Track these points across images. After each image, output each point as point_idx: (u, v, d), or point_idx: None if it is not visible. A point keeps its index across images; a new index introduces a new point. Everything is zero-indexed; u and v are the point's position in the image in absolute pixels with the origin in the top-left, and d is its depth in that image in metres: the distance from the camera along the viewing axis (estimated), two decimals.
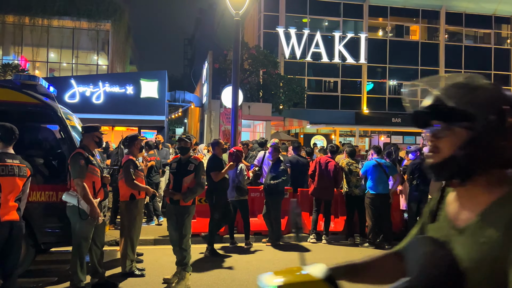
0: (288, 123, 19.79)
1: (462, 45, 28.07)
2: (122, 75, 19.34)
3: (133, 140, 5.52)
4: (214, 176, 6.49)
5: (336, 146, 8.32)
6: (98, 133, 4.81)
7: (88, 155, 4.64)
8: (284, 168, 7.22)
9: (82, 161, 4.53)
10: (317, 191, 7.62)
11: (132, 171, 5.24)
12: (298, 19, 26.02)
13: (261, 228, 7.82)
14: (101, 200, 4.67)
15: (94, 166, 4.62)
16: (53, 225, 5.28)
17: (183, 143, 5.22)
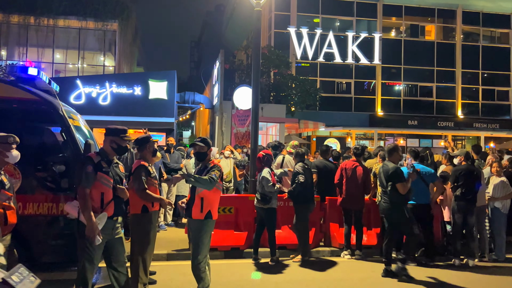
0: (303, 125, 18.96)
1: (479, 45, 27.15)
2: (130, 75, 18.65)
3: (144, 143, 4.74)
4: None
5: (362, 147, 7.49)
6: (117, 138, 3.99)
7: (102, 161, 3.89)
8: (297, 171, 6.45)
9: (89, 167, 3.79)
10: (346, 201, 6.79)
11: (144, 179, 4.43)
12: (310, 19, 25.27)
13: (285, 241, 7.00)
14: (110, 216, 3.87)
15: (105, 175, 3.85)
16: (54, 243, 4.51)
17: (198, 148, 4.45)
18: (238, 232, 6.98)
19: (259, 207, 6.26)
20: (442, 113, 26.22)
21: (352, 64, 25.14)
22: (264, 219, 6.36)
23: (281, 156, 7.63)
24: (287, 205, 7.20)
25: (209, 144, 4.53)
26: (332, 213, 7.31)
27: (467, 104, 26.86)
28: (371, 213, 7.37)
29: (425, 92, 26.64)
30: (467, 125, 25.25)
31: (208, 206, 4.32)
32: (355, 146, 7.41)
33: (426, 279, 5.73)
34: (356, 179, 6.75)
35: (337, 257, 6.93)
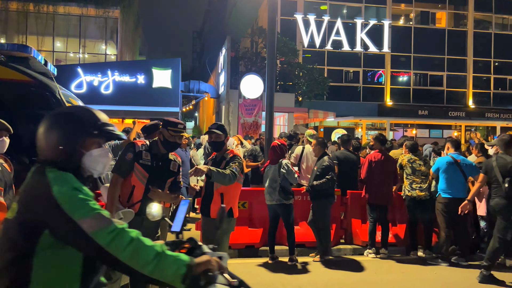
0: (312, 115, 18.32)
1: (491, 33, 26.32)
2: (133, 63, 18.06)
3: (153, 130, 4.19)
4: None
5: (383, 136, 6.91)
6: (164, 130, 3.40)
7: (145, 152, 3.36)
8: (328, 164, 5.84)
9: (129, 154, 3.32)
10: (376, 196, 6.22)
11: None
12: (317, 6, 24.48)
13: (303, 238, 6.46)
14: (137, 213, 3.31)
15: (140, 167, 3.32)
16: None
17: (215, 136, 3.87)
18: (252, 229, 6.45)
19: (276, 204, 5.68)
20: (453, 102, 25.53)
21: (361, 52, 24.41)
22: (281, 216, 5.81)
23: (299, 147, 7.06)
24: (304, 200, 6.65)
25: (226, 132, 3.96)
26: (354, 208, 6.77)
27: (479, 93, 26.15)
28: (396, 208, 6.82)
29: (435, 81, 25.91)
30: (479, 115, 24.57)
31: (229, 203, 3.80)
32: (376, 135, 6.82)
33: (464, 281, 5.19)
34: (386, 172, 6.19)
35: (360, 255, 6.41)
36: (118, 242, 1.35)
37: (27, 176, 1.48)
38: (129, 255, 1.35)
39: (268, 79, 7.10)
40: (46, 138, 1.48)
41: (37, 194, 1.39)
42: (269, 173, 5.73)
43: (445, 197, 5.83)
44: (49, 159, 1.47)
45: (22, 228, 1.37)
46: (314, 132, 7.50)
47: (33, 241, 1.35)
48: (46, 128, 1.49)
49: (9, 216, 1.43)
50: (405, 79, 25.61)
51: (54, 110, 1.58)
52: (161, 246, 1.43)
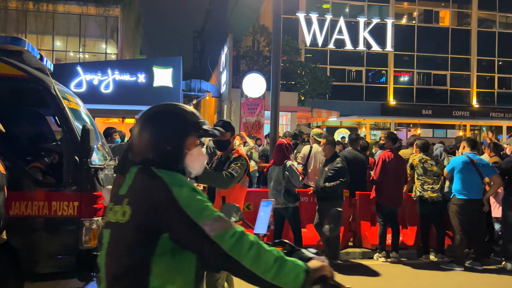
0: (316, 114, 18.05)
1: (495, 32, 26.05)
2: (133, 61, 17.82)
3: None
4: None
5: (395, 134, 6.66)
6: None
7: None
8: (342, 166, 5.58)
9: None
10: (389, 198, 5.96)
11: None
12: (319, 4, 24.22)
13: (311, 241, 6.20)
14: None
15: None
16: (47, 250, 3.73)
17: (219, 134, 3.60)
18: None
19: (281, 207, 5.42)
20: (457, 102, 25.25)
21: (364, 51, 24.16)
22: (288, 220, 5.57)
23: (307, 146, 6.80)
24: (311, 201, 6.40)
25: (233, 129, 3.64)
26: (363, 209, 6.52)
27: (483, 92, 25.87)
28: (407, 210, 6.57)
29: (438, 81, 25.65)
30: (483, 115, 24.29)
31: None
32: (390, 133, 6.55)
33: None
34: (397, 173, 5.94)
35: (370, 259, 6.17)
36: (240, 246, 1.29)
37: (128, 177, 1.44)
38: (252, 259, 1.28)
39: (273, 78, 6.86)
40: (151, 138, 1.43)
41: (156, 196, 1.34)
42: (273, 174, 5.48)
43: (460, 199, 5.57)
44: (154, 160, 1.42)
45: (139, 232, 1.32)
46: (322, 131, 7.26)
47: (152, 246, 1.31)
48: (150, 128, 1.44)
49: (120, 220, 1.36)
50: (409, 78, 25.34)
51: (151, 109, 1.50)
52: (277, 250, 1.35)
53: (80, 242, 3.73)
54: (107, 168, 4.02)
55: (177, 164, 1.46)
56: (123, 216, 1.36)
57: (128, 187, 1.41)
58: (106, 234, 1.41)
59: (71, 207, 3.72)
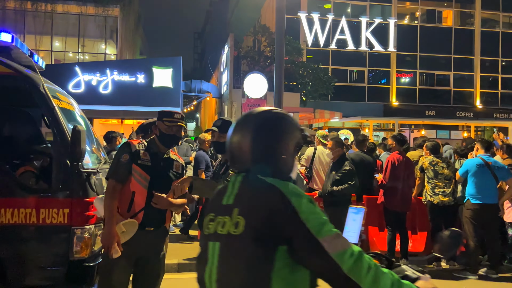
0: (318, 115, 17.77)
1: (499, 32, 25.77)
2: (132, 62, 17.57)
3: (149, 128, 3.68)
4: None
5: (401, 135, 6.37)
6: (160, 123, 2.94)
7: (143, 151, 2.88)
8: (351, 168, 5.30)
9: (126, 155, 2.83)
10: (399, 203, 5.69)
11: None
12: (321, 4, 23.97)
13: None
14: (140, 225, 2.81)
15: (142, 170, 2.82)
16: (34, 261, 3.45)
17: (217, 136, 3.18)
18: None
19: None
20: (460, 103, 24.98)
21: (366, 51, 23.89)
22: None
23: (311, 148, 6.52)
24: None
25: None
26: (371, 214, 6.20)
27: (486, 93, 25.59)
28: (416, 215, 6.29)
29: (441, 81, 25.38)
30: (487, 116, 24.00)
31: None
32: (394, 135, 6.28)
33: None
34: (407, 176, 5.67)
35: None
36: (359, 267, 1.20)
37: (230, 186, 1.38)
38: (370, 282, 1.20)
39: (277, 76, 6.59)
40: (268, 146, 1.37)
41: (273, 206, 1.26)
42: None
43: (474, 203, 5.30)
44: (262, 167, 1.35)
45: (257, 244, 1.24)
46: (327, 133, 6.97)
47: (270, 259, 1.24)
48: (267, 135, 1.37)
49: (233, 231, 1.28)
50: (411, 79, 25.06)
51: (260, 115, 1.40)
52: (392, 273, 1.26)
53: (71, 252, 3.46)
54: (100, 172, 3.75)
55: (288, 173, 1.41)
56: (235, 227, 1.28)
57: (235, 196, 1.34)
58: (213, 247, 1.32)
59: (61, 214, 3.45)
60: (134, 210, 2.80)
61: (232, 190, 1.36)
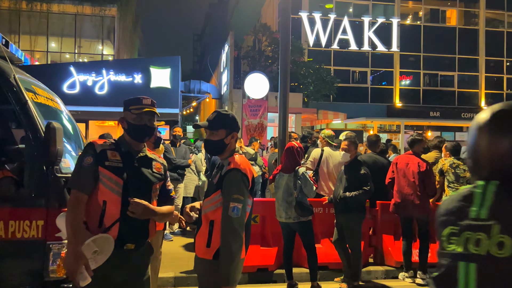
0: (322, 116, 17.25)
1: (503, 31, 25.30)
2: (129, 61, 17.03)
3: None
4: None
5: (419, 134, 5.86)
6: (127, 113, 2.42)
7: (110, 151, 2.33)
8: (366, 172, 4.79)
9: (89, 158, 2.28)
10: (401, 206, 5.22)
11: None
12: (322, 3, 23.50)
13: (326, 259, 5.41)
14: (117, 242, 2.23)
15: (112, 174, 2.28)
16: (4, 282, 2.93)
17: (209, 133, 2.54)
18: (265, 248, 5.41)
19: (292, 222, 4.64)
20: (465, 104, 24.48)
21: (368, 51, 23.41)
22: (300, 235, 4.78)
23: (317, 149, 5.99)
24: (326, 212, 5.62)
25: (230, 125, 2.51)
26: (385, 221, 5.72)
27: (491, 94, 25.10)
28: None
29: (446, 82, 24.89)
30: None
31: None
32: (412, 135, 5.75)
33: None
34: (410, 177, 5.16)
35: (394, 279, 5.37)
36: None
37: (479, 197, 1.14)
38: None
39: (282, 71, 6.09)
40: None
41: None
42: (281, 183, 4.69)
43: None
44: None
45: None
46: (333, 133, 6.47)
47: None
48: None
49: (496, 253, 1.06)
50: (415, 79, 24.56)
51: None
52: None
53: (46, 271, 2.93)
54: None
55: None
56: (499, 248, 1.08)
57: (490, 210, 1.12)
58: (466, 269, 1.12)
59: (34, 227, 2.93)
60: (105, 224, 2.24)
61: (483, 202, 1.14)
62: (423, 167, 5.07)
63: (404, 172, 5.26)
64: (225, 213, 2.33)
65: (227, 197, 2.35)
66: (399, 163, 5.34)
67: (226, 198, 2.36)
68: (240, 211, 2.34)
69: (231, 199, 2.34)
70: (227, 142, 2.50)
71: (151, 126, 2.43)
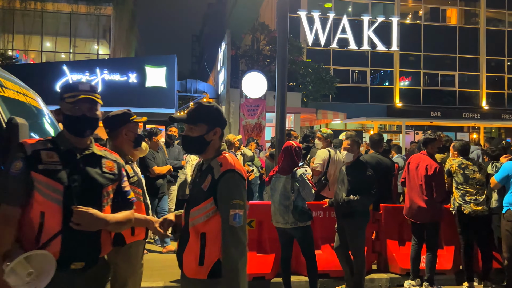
0: (321, 115, 16.90)
1: (504, 30, 25.02)
2: (124, 60, 16.68)
3: (119, 123, 2.85)
4: None
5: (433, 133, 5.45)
6: (62, 103, 2.01)
7: (45, 151, 1.92)
8: (371, 174, 4.44)
9: (18, 163, 1.86)
10: (407, 210, 4.91)
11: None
12: (321, 2, 23.20)
13: (327, 266, 5.06)
14: (60, 262, 1.80)
15: (48, 179, 1.86)
16: None
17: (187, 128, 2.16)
18: (262, 255, 5.06)
19: (290, 228, 4.29)
20: (466, 103, 24.18)
21: (368, 51, 23.10)
22: (298, 242, 4.43)
23: (324, 150, 5.64)
24: (327, 216, 5.27)
25: (211, 119, 2.11)
26: (390, 226, 5.37)
27: (492, 94, 24.80)
28: (442, 226, 5.42)
29: (446, 81, 24.59)
30: (494, 117, 23.16)
31: (217, 250, 2.00)
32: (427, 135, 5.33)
33: None
34: (418, 179, 4.82)
35: (400, 287, 5.03)
36: None
37: None
38: None
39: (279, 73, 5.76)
40: None
41: None
42: (277, 186, 4.34)
43: None
44: None
45: None
46: (331, 132, 6.14)
47: None
48: None
49: None
50: (415, 79, 24.25)
51: None
52: None
53: None
54: None
55: None
56: None
57: None
58: None
59: None
60: (43, 238, 1.82)
61: None
62: (431, 170, 4.69)
63: (414, 174, 4.93)
64: (225, 223, 1.97)
65: (226, 204, 1.99)
66: (411, 163, 5.00)
67: (224, 205, 1.99)
68: (242, 218, 2.00)
69: (231, 205, 1.98)
70: (208, 139, 2.11)
71: (92, 117, 2.02)
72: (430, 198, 4.85)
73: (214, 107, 2.17)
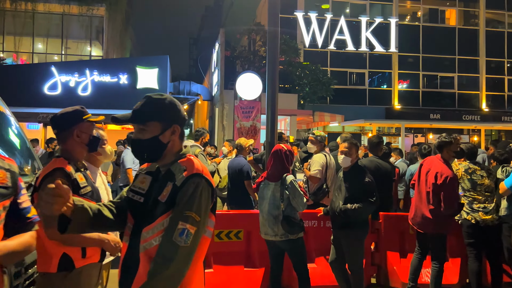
0: (318, 118, 16.48)
1: (504, 32, 24.69)
2: (114, 61, 16.23)
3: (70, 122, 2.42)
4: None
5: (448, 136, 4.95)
6: None
7: None
8: (370, 181, 4.00)
9: None
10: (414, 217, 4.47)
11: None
12: (318, 3, 22.85)
13: (322, 281, 4.62)
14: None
15: None
16: None
17: (137, 129, 1.72)
18: (250, 269, 4.61)
19: (280, 241, 3.85)
20: (465, 105, 23.81)
21: (366, 52, 22.73)
22: (289, 255, 3.98)
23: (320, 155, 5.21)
24: (322, 226, 4.84)
25: (165, 114, 1.70)
26: (390, 236, 4.93)
27: (492, 95, 24.45)
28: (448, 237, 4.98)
29: (446, 83, 24.23)
30: (494, 119, 22.79)
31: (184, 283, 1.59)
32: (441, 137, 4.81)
33: None
34: (427, 186, 4.37)
35: None
36: None
37: None
38: None
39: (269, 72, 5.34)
40: None
41: None
42: (266, 194, 3.89)
43: None
44: None
45: None
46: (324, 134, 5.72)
47: None
48: None
49: None
50: (414, 81, 23.88)
51: None
52: None
53: None
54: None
55: None
56: None
57: None
58: None
59: None
60: None
61: None
62: (441, 179, 4.15)
63: (423, 179, 4.44)
64: (168, 236, 1.54)
65: (177, 213, 1.56)
66: (424, 166, 4.45)
67: (175, 214, 1.57)
68: (191, 238, 1.54)
69: (182, 216, 1.55)
70: (164, 141, 1.69)
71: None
72: (436, 208, 4.34)
73: (167, 100, 1.73)
